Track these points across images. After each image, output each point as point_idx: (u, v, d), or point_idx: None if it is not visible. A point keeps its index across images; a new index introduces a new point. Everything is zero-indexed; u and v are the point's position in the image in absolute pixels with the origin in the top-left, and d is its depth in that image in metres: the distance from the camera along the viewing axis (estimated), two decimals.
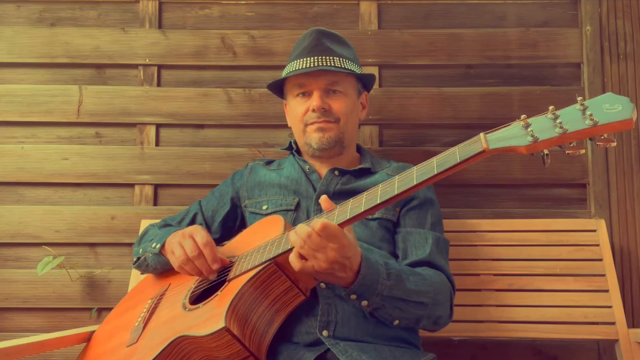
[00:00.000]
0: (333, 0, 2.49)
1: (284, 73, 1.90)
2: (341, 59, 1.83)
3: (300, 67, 1.81)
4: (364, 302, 1.43)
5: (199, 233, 1.59)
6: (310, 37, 1.87)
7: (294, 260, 1.35)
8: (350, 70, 1.83)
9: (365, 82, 1.96)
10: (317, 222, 1.31)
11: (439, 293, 1.57)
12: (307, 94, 1.85)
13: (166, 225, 1.91)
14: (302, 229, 1.33)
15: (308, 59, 1.81)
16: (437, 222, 1.79)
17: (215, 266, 1.55)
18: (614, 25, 2.39)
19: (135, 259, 1.89)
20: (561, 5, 2.46)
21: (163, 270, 1.79)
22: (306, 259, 1.34)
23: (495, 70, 2.43)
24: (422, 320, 1.57)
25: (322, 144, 1.82)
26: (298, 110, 1.86)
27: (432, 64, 2.43)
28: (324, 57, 1.81)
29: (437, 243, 1.70)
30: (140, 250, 1.85)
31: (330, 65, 1.79)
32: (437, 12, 2.48)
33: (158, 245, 1.73)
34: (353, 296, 1.42)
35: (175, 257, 1.61)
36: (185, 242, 1.58)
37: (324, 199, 1.40)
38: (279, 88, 1.98)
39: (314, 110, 1.80)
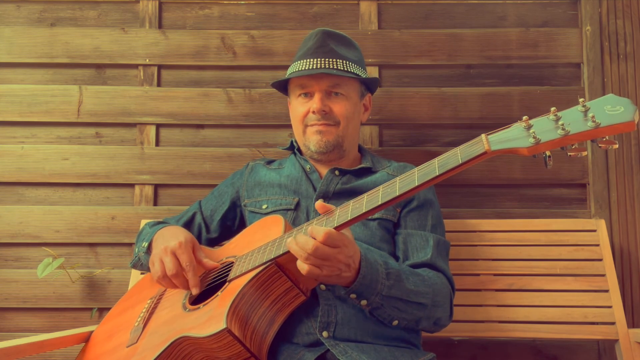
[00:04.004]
0: (333, 0, 2.49)
1: (288, 72, 1.90)
2: (345, 62, 1.82)
3: (303, 68, 1.81)
4: (364, 302, 1.44)
5: (183, 254, 1.57)
6: (315, 37, 1.87)
7: (301, 265, 1.34)
8: (353, 73, 1.82)
9: (369, 84, 1.96)
10: (320, 231, 1.30)
11: (438, 295, 1.58)
12: (309, 95, 1.85)
13: (159, 223, 1.91)
14: (305, 242, 1.32)
15: (311, 60, 1.81)
16: (438, 223, 1.79)
17: (194, 291, 1.54)
18: (614, 25, 2.39)
19: (132, 259, 1.90)
20: (561, 5, 2.46)
21: None
22: (314, 266, 1.33)
23: (495, 70, 2.43)
24: (422, 321, 1.58)
25: (320, 147, 1.82)
26: (299, 110, 1.86)
27: (432, 64, 2.43)
28: (327, 59, 1.80)
29: (437, 245, 1.70)
30: (136, 249, 1.86)
31: (333, 68, 1.79)
32: (437, 12, 2.48)
33: (146, 244, 1.76)
34: (353, 295, 1.43)
35: (154, 270, 1.60)
36: (165, 259, 1.57)
37: (319, 205, 1.40)
38: (283, 86, 1.98)
39: (314, 112, 1.80)
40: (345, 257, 1.34)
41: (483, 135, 1.15)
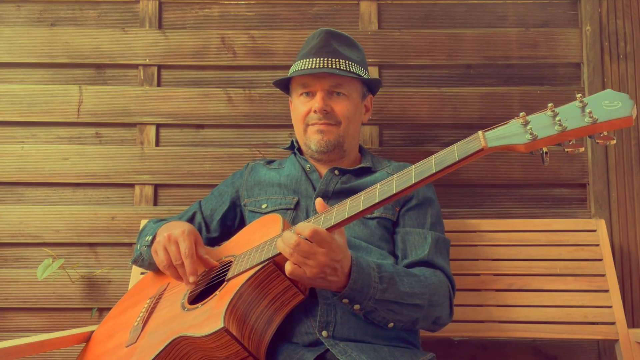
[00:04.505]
0: (333, 0, 2.49)
1: (290, 71, 1.90)
2: (347, 62, 1.82)
3: (305, 67, 1.81)
4: (356, 306, 1.44)
5: (184, 242, 1.58)
6: (318, 37, 1.87)
7: (286, 264, 1.36)
8: (355, 74, 1.82)
9: (371, 85, 1.96)
10: (306, 227, 1.31)
11: (435, 294, 1.57)
12: (310, 94, 1.85)
13: (162, 220, 1.92)
14: (289, 237, 1.33)
15: (314, 59, 1.81)
16: (437, 221, 1.79)
17: (192, 278, 1.54)
18: (614, 25, 2.39)
19: (133, 256, 1.90)
20: (561, 5, 2.46)
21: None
22: (298, 265, 1.34)
23: (495, 70, 2.43)
24: (419, 322, 1.58)
25: (320, 147, 1.82)
26: (300, 109, 1.86)
27: (432, 64, 2.43)
28: (329, 59, 1.81)
29: (436, 243, 1.70)
30: (138, 246, 1.86)
31: (335, 68, 1.79)
32: (437, 12, 2.48)
33: (149, 238, 1.76)
34: (345, 300, 1.43)
35: (158, 259, 1.62)
36: (169, 247, 1.59)
37: (318, 202, 1.41)
38: (285, 85, 1.99)
39: (315, 112, 1.80)
40: (329, 260, 1.33)
41: (480, 132, 1.15)
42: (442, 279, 1.62)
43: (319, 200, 1.41)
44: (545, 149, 1.06)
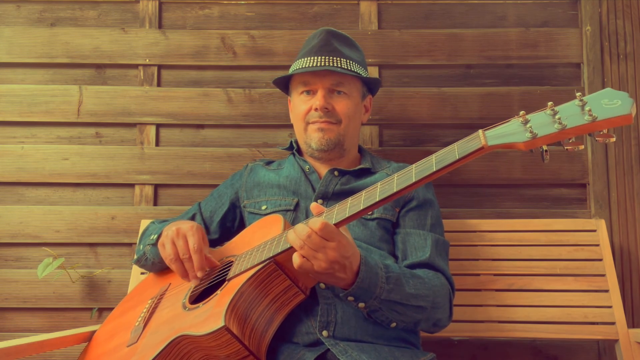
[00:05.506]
0: (333, 0, 2.49)
1: (290, 70, 1.90)
2: (348, 61, 1.82)
3: (306, 66, 1.82)
4: (361, 304, 1.44)
5: (193, 236, 1.58)
6: (319, 36, 1.88)
7: (294, 257, 1.35)
8: (356, 73, 1.82)
9: (370, 85, 1.96)
10: (317, 221, 1.31)
11: (438, 296, 1.57)
12: (311, 93, 1.85)
13: (165, 221, 1.92)
14: (302, 229, 1.33)
15: (315, 58, 1.81)
16: (437, 223, 1.79)
17: (199, 274, 1.56)
18: (614, 25, 2.39)
19: (135, 256, 1.90)
20: (561, 5, 2.46)
21: (162, 266, 1.78)
22: (307, 259, 1.34)
23: (495, 70, 2.43)
24: (421, 323, 1.58)
25: (321, 145, 1.82)
26: (301, 108, 1.86)
27: (432, 64, 2.43)
28: (331, 58, 1.81)
29: (436, 244, 1.70)
30: (141, 246, 1.86)
31: (337, 66, 1.80)
32: (437, 12, 2.48)
33: (155, 236, 1.76)
34: (350, 298, 1.43)
35: (165, 252, 1.62)
36: (178, 241, 1.59)
37: (314, 206, 1.41)
38: (284, 84, 1.99)
39: (316, 110, 1.80)
40: (338, 256, 1.33)
41: (480, 131, 1.15)
42: (444, 282, 1.63)
43: (313, 205, 1.42)
44: (545, 147, 1.07)
